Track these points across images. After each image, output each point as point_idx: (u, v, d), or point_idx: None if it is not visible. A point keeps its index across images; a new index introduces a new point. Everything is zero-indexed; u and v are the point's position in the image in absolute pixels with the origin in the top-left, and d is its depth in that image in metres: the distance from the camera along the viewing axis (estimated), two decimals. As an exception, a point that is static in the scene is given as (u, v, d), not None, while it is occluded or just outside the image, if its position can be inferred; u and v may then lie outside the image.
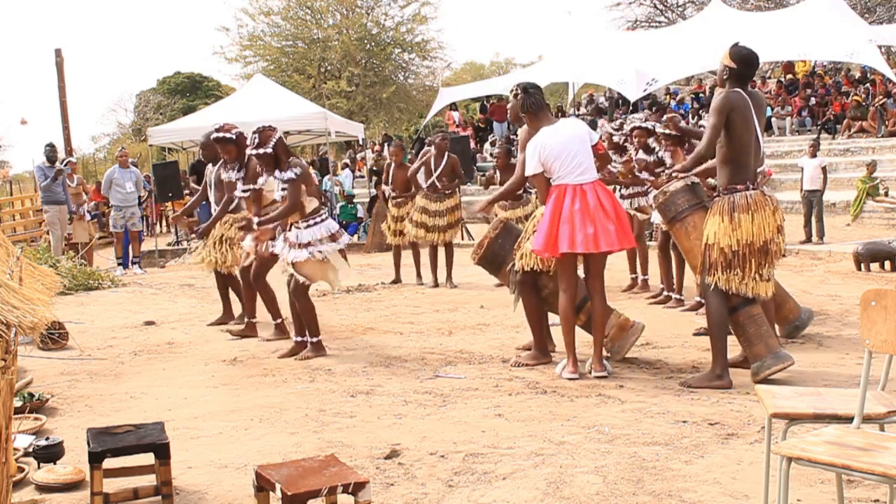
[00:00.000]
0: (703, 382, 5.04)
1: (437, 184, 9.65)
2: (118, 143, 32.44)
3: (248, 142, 6.28)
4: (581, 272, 5.57)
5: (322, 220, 6.19)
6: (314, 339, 6.35)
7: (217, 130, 6.90)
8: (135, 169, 13.70)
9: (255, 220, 6.35)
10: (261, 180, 6.45)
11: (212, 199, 7.57)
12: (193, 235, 15.83)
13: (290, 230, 6.18)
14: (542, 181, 5.42)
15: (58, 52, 18.35)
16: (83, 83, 65.83)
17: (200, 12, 77.02)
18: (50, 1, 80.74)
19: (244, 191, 6.94)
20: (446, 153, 9.74)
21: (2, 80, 67.71)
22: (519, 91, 5.62)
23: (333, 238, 6.18)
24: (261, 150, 6.05)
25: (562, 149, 5.30)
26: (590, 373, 5.41)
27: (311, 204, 6.19)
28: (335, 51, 29.10)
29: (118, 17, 78.44)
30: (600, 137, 5.88)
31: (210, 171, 7.59)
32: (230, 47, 30.04)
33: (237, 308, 7.97)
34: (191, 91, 40.18)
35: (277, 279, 6.97)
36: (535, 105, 5.51)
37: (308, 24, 30.15)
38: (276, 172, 6.08)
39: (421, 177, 9.82)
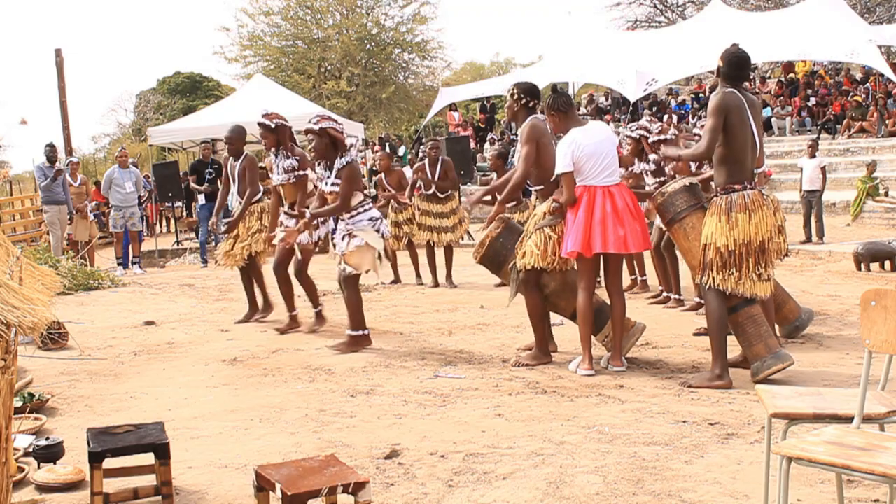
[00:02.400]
0: (703, 382, 5.05)
1: (438, 193, 9.82)
2: (118, 143, 32.40)
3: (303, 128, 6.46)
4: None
5: (368, 209, 6.35)
6: (356, 333, 6.45)
7: (262, 116, 7.14)
8: (135, 169, 13.70)
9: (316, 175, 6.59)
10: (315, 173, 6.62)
11: (234, 191, 7.78)
12: (193, 235, 15.88)
13: (337, 224, 6.35)
14: (571, 180, 5.48)
15: (58, 52, 18.31)
16: (83, 83, 65.86)
17: (200, 12, 77.04)
18: (50, 1, 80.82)
19: (282, 177, 7.09)
20: (439, 159, 9.91)
21: (2, 80, 67.75)
22: (516, 90, 5.78)
23: (378, 227, 6.34)
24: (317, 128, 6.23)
25: (595, 149, 5.41)
26: (607, 367, 5.52)
27: (355, 198, 6.34)
28: (335, 51, 29.05)
29: (118, 17, 78.53)
30: (620, 142, 6.02)
31: (232, 164, 7.79)
32: (230, 47, 29.97)
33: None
34: (191, 91, 40.14)
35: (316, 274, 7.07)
36: (565, 104, 5.63)
37: (308, 24, 30.09)
38: (337, 159, 6.24)
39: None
